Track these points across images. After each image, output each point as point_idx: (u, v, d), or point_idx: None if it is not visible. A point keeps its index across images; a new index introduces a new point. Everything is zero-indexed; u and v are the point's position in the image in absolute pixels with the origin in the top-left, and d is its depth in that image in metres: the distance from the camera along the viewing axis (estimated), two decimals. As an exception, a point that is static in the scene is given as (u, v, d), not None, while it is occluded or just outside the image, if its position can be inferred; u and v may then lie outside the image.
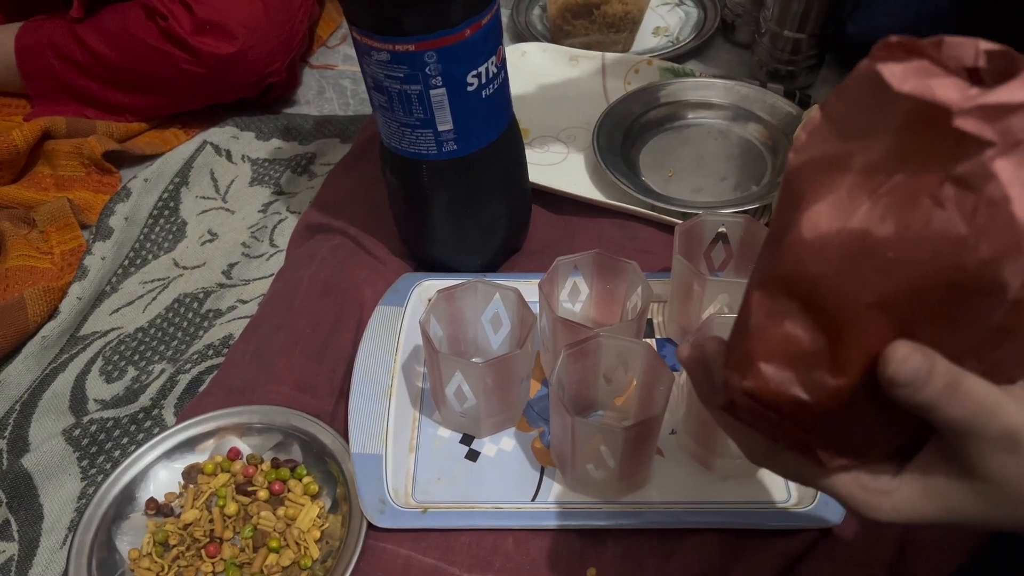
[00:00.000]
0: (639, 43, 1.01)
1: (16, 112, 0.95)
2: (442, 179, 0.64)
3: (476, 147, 0.63)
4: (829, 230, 0.27)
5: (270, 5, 0.91)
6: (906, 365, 0.28)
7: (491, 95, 0.61)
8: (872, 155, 0.27)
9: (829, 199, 0.27)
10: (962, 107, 0.24)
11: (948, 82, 0.25)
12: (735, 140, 0.84)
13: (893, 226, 0.26)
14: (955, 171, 0.25)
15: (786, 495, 0.56)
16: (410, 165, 0.64)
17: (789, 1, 0.87)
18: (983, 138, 0.24)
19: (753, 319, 0.31)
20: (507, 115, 0.65)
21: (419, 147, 0.62)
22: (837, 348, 0.29)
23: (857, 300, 0.28)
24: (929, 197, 0.25)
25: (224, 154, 0.92)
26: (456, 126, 0.60)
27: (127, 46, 0.87)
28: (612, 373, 0.58)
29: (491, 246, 0.72)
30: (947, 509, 0.31)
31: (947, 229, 0.25)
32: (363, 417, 0.60)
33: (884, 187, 0.26)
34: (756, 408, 0.32)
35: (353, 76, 1.03)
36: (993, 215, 0.25)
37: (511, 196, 0.71)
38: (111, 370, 0.71)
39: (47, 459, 0.62)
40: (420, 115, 0.59)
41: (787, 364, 0.30)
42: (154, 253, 0.82)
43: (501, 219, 0.70)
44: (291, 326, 0.68)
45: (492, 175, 0.66)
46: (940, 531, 0.53)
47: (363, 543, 0.54)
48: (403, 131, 0.61)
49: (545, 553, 0.55)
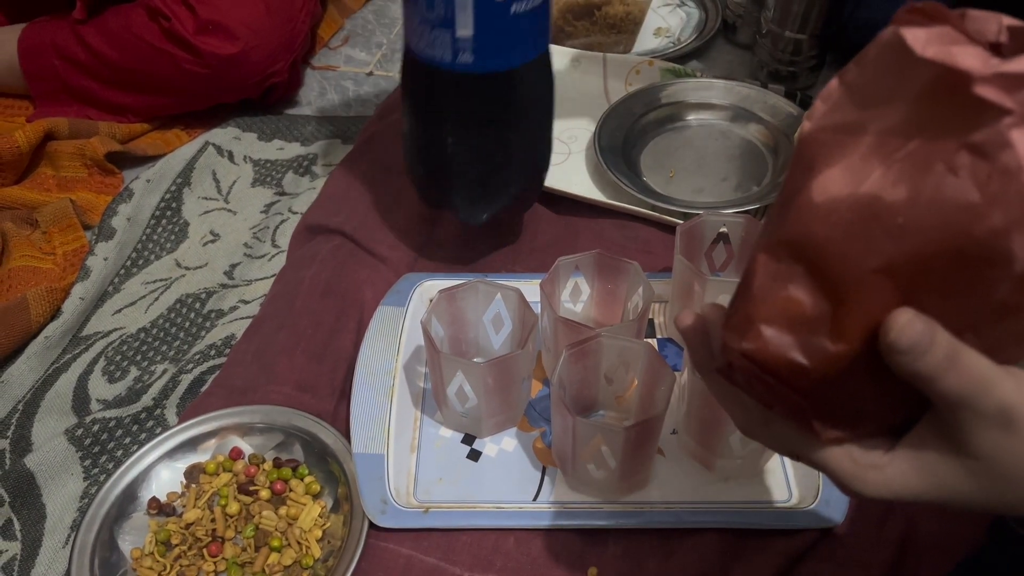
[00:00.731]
0: (640, 44, 1.01)
1: (19, 113, 0.95)
2: (452, 95, 0.60)
3: (493, 67, 0.58)
4: (839, 194, 0.27)
5: (272, 6, 0.91)
6: (907, 331, 0.28)
7: (521, 13, 0.56)
8: (889, 122, 0.27)
9: (842, 164, 0.27)
10: (983, 74, 0.24)
11: (970, 50, 0.25)
12: (736, 141, 0.84)
13: (905, 191, 0.26)
14: (971, 139, 0.25)
15: (787, 495, 0.56)
16: (422, 72, 0.60)
17: (790, 2, 0.87)
18: (1002, 106, 0.24)
19: (757, 281, 0.30)
20: (537, 45, 0.60)
21: (434, 51, 0.58)
22: (839, 314, 0.29)
23: (863, 265, 0.28)
24: (943, 164, 0.25)
25: (226, 155, 0.92)
26: (476, 34, 0.56)
27: (130, 46, 0.88)
28: (613, 373, 0.58)
29: (495, 197, 0.67)
30: (937, 485, 0.31)
31: (959, 196, 0.25)
32: (365, 417, 0.60)
33: (899, 153, 0.26)
34: (753, 371, 0.32)
35: (355, 77, 1.03)
36: (1006, 184, 0.25)
37: (525, 142, 0.65)
38: (113, 370, 0.71)
39: (50, 459, 0.63)
40: (440, 10, 0.55)
41: (788, 328, 0.30)
42: (156, 253, 0.82)
43: (510, 165, 0.65)
44: (292, 326, 0.68)
45: (506, 108, 0.62)
46: (940, 531, 0.53)
47: (364, 543, 0.54)
48: (422, 29, 0.57)
49: (546, 553, 0.55)
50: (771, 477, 0.57)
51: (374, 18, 1.13)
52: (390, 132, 0.87)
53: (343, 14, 1.12)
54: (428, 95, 0.62)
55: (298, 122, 0.96)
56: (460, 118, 0.62)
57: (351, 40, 1.09)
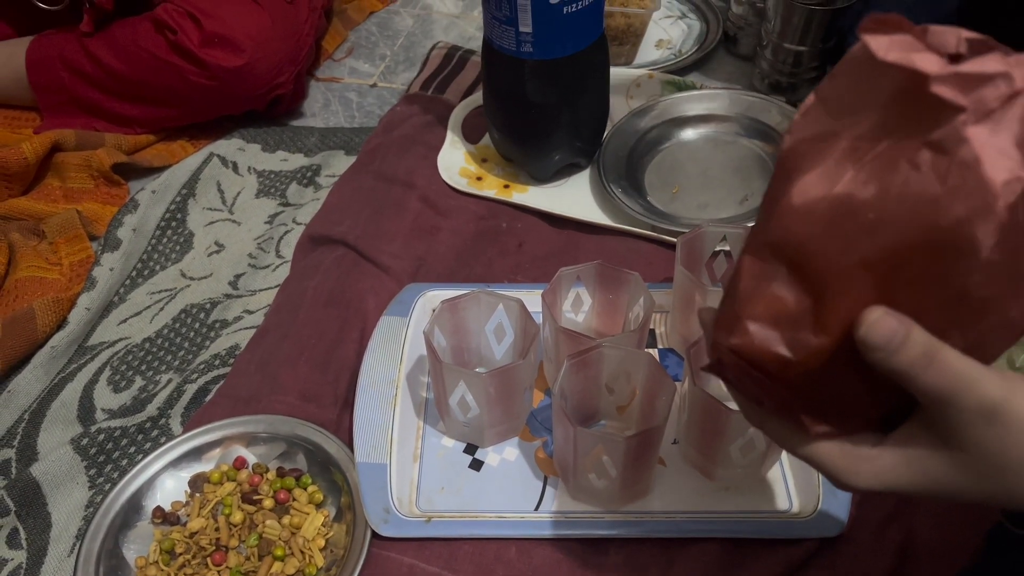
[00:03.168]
0: (642, 55, 1.01)
1: (26, 125, 0.96)
2: (518, 76, 0.73)
3: (551, 55, 0.71)
4: (816, 196, 0.29)
5: (277, 19, 0.92)
6: (877, 327, 0.29)
7: (573, 12, 0.68)
8: (861, 128, 0.28)
9: (818, 169, 0.29)
10: (939, 74, 0.26)
11: (929, 56, 0.27)
12: (741, 152, 0.84)
13: (875, 189, 0.28)
14: (931, 136, 0.27)
15: (787, 504, 0.57)
16: (495, 56, 0.74)
17: (791, 14, 0.87)
18: (957, 104, 0.26)
19: (742, 282, 0.32)
20: (589, 35, 0.72)
21: (503, 42, 0.71)
22: (820, 309, 0.30)
23: (840, 261, 0.29)
24: (907, 161, 0.27)
25: (231, 166, 0.93)
26: (535, 30, 0.69)
27: (136, 59, 0.88)
28: (614, 383, 0.58)
29: (556, 158, 0.80)
30: (926, 477, 0.32)
31: (923, 190, 0.27)
32: (368, 427, 0.60)
33: (869, 155, 0.28)
34: (741, 365, 0.33)
35: (358, 89, 1.04)
36: (965, 176, 0.26)
37: (580, 115, 0.78)
38: (119, 380, 0.72)
39: (55, 468, 0.63)
40: (506, 11, 0.68)
41: (772, 323, 0.31)
42: (161, 264, 0.83)
43: (569, 132, 0.78)
44: (296, 336, 0.69)
45: (565, 87, 0.74)
46: (939, 539, 0.54)
47: (367, 552, 0.55)
48: (493, 23, 0.71)
49: (547, 562, 0.55)
50: (772, 486, 0.58)
51: (377, 30, 1.14)
52: (393, 143, 0.87)
53: (347, 26, 1.13)
54: (500, 75, 0.76)
55: (302, 133, 0.97)
56: (526, 95, 0.75)
57: (355, 52, 1.10)
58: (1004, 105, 0.26)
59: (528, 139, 0.79)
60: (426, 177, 0.83)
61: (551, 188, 0.82)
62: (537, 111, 0.76)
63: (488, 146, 0.87)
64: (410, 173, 0.83)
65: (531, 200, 0.81)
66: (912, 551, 0.54)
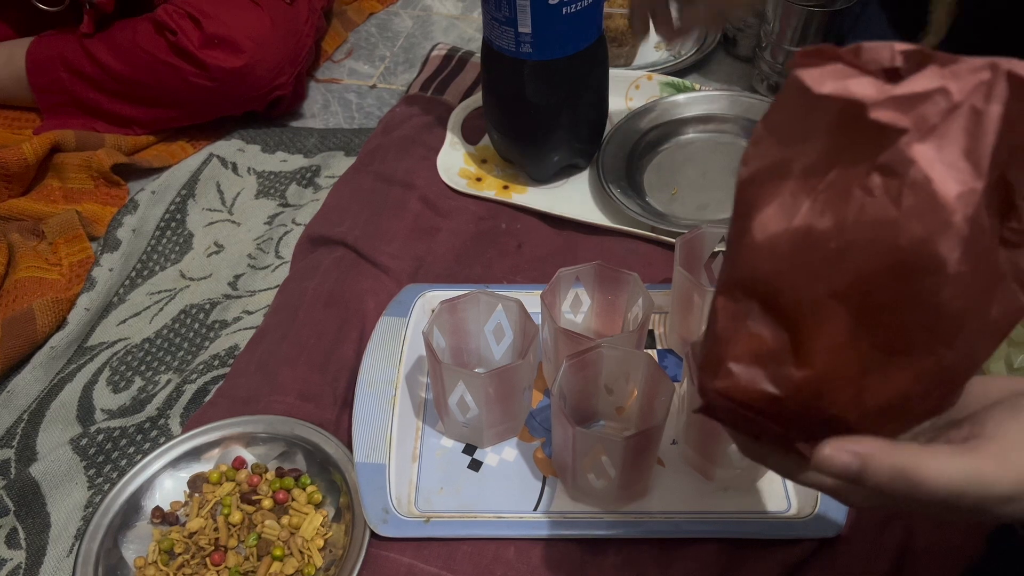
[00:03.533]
0: (641, 56, 1.01)
1: (26, 125, 0.96)
2: (517, 77, 0.73)
3: (550, 56, 0.71)
4: (777, 230, 0.29)
5: (277, 20, 0.92)
6: (829, 463, 0.30)
7: (573, 13, 0.69)
8: (809, 158, 0.28)
9: (775, 203, 0.29)
10: (876, 99, 0.26)
11: (863, 80, 0.27)
12: (739, 153, 0.83)
13: (832, 219, 0.28)
14: (879, 161, 0.27)
15: (786, 505, 0.57)
16: (495, 56, 0.74)
17: (790, 15, 0.88)
18: (898, 126, 0.26)
19: (719, 324, 0.32)
20: (588, 35, 0.72)
21: (502, 42, 0.72)
22: (799, 341, 0.30)
23: (810, 292, 0.29)
24: (860, 187, 0.27)
25: (230, 167, 0.93)
26: (534, 31, 0.69)
27: (136, 60, 0.89)
28: (613, 383, 0.58)
29: (556, 159, 0.80)
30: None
31: (879, 214, 0.27)
32: (367, 427, 0.60)
33: (821, 185, 0.28)
34: (731, 407, 0.33)
35: (358, 90, 1.04)
36: (918, 196, 0.26)
37: (580, 115, 0.78)
38: (118, 380, 0.72)
39: (54, 468, 0.63)
40: (505, 11, 0.69)
41: (754, 361, 0.31)
42: (161, 264, 0.83)
43: (568, 133, 0.78)
44: (295, 337, 0.69)
45: (563, 87, 0.74)
46: (939, 540, 0.54)
47: (366, 552, 0.55)
48: (492, 23, 0.71)
49: (546, 562, 0.55)
50: (770, 487, 0.58)
51: (377, 32, 1.14)
52: (393, 144, 0.88)
53: (347, 28, 1.13)
54: (499, 76, 0.76)
55: (302, 134, 0.97)
56: (525, 95, 0.75)
57: (355, 53, 1.10)
58: (945, 119, 0.26)
59: (527, 140, 0.79)
60: (425, 178, 0.83)
61: (550, 189, 0.83)
62: (536, 112, 0.76)
63: (487, 147, 0.87)
64: (409, 174, 0.83)
65: (530, 201, 0.81)
66: (911, 553, 0.54)
